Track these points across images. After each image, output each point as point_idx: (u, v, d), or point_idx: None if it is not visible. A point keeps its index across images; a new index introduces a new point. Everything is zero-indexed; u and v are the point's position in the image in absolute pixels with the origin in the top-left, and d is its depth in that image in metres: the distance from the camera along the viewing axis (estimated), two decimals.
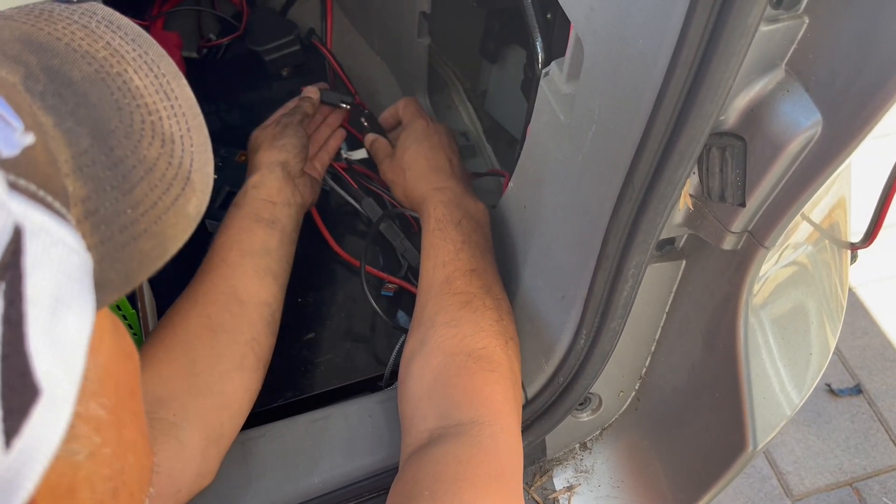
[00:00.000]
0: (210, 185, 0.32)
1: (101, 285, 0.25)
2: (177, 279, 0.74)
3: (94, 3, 0.33)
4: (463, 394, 0.64)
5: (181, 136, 0.31)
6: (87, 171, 0.27)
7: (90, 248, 0.25)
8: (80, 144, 0.27)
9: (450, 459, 0.58)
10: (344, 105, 0.96)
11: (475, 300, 0.70)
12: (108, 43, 0.31)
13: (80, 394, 0.23)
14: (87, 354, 0.24)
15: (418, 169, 0.84)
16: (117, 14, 0.33)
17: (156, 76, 0.32)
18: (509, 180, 0.79)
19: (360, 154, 0.98)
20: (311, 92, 0.95)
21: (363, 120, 0.96)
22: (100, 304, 0.25)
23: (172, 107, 0.31)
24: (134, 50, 0.32)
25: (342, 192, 0.95)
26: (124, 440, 0.28)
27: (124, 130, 0.29)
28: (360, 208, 0.93)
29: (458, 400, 0.63)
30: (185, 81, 0.33)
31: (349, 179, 0.95)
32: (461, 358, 0.66)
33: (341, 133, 0.97)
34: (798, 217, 0.50)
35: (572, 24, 0.56)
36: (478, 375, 0.65)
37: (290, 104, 0.94)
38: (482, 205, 0.80)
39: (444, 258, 0.73)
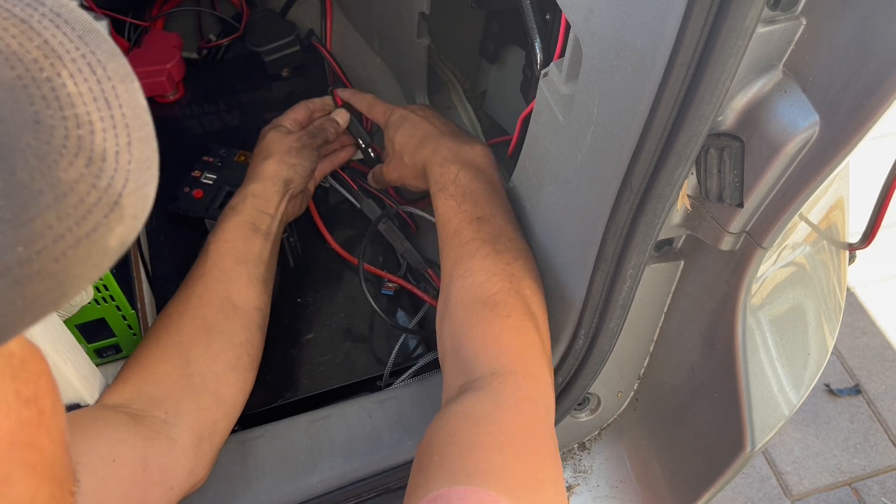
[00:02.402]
0: (147, 208, 0.28)
1: None
2: (176, 280, 0.74)
3: None
4: (482, 345, 0.63)
5: (117, 152, 0.27)
6: None
7: None
8: None
9: (464, 419, 0.57)
10: (360, 142, 0.97)
11: (484, 247, 0.69)
12: (45, 41, 0.27)
13: None
14: None
15: (410, 148, 0.83)
16: (71, 5, 0.29)
17: (98, 80, 0.28)
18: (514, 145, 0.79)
19: (358, 155, 0.98)
20: (342, 117, 0.94)
21: (370, 151, 0.97)
22: None
23: (112, 116, 0.27)
24: (77, 49, 0.28)
25: (342, 190, 0.95)
26: (9, 499, 0.26)
27: (38, 149, 0.25)
28: (359, 206, 0.93)
29: (476, 353, 0.63)
30: (137, 86, 0.29)
31: (349, 181, 0.95)
32: (476, 307, 0.66)
33: (351, 150, 0.97)
34: (796, 218, 0.50)
35: (567, 23, 0.56)
36: (494, 323, 0.64)
37: (311, 104, 0.94)
38: (481, 147, 0.79)
39: (448, 214, 0.73)
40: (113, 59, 0.28)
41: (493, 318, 0.65)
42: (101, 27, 0.33)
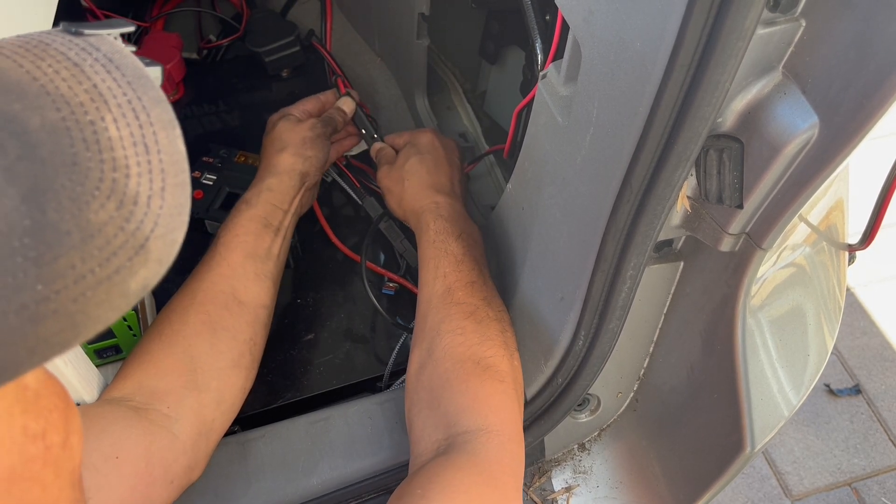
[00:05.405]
0: (173, 254, 0.28)
1: None
2: (176, 280, 0.74)
3: (104, 37, 0.30)
4: (471, 401, 0.64)
5: (149, 197, 0.27)
6: None
7: None
8: None
9: (448, 465, 0.58)
10: (364, 132, 0.96)
11: (479, 311, 0.70)
12: (94, 85, 0.28)
13: None
14: None
15: (418, 180, 0.82)
16: (125, 52, 0.30)
17: (140, 125, 0.28)
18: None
19: (360, 148, 0.98)
20: (348, 106, 0.94)
21: (374, 133, 0.97)
22: None
23: (150, 161, 0.28)
24: (124, 94, 0.29)
25: (344, 185, 0.95)
26: None
27: (71, 190, 0.25)
28: (361, 203, 0.93)
29: (467, 405, 0.63)
30: (178, 132, 0.29)
31: (352, 178, 0.95)
32: (470, 365, 0.66)
33: (354, 140, 0.97)
34: (796, 219, 0.50)
35: (563, 24, 0.56)
36: (487, 384, 0.65)
37: (323, 97, 0.94)
38: (476, 227, 0.80)
39: (445, 269, 0.73)
40: (158, 106, 0.29)
41: (485, 378, 0.65)
42: (155, 72, 0.35)
